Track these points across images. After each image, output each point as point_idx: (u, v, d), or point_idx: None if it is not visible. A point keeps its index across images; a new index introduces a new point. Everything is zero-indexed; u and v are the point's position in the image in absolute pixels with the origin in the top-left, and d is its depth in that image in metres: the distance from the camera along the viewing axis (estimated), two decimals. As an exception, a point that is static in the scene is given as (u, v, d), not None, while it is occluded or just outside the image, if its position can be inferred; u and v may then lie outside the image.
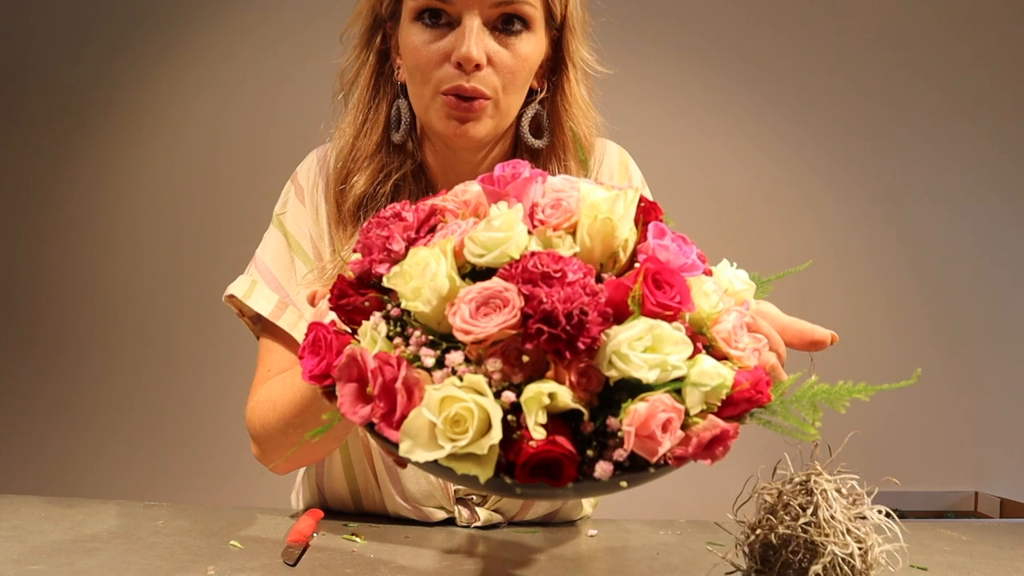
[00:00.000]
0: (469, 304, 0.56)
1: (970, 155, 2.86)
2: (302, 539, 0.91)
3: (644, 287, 0.57)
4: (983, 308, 2.92)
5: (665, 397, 0.54)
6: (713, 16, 2.70)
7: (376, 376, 0.56)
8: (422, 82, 0.90)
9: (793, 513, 0.67)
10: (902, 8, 2.76)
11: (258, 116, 2.64)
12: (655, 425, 0.54)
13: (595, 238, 0.61)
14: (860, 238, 2.87)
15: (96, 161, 2.69)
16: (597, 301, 0.56)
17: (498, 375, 0.55)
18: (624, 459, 0.55)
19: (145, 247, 2.70)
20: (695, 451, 0.56)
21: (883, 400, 3.47)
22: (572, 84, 0.96)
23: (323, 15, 2.30)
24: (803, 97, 2.77)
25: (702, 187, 2.71)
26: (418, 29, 0.89)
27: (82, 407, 2.76)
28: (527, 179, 0.63)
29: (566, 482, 0.54)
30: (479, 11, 0.86)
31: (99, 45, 2.64)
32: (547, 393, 0.54)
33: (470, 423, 0.53)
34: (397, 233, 0.62)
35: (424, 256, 0.58)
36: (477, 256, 0.59)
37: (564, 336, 0.54)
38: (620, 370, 0.55)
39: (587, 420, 0.56)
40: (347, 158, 0.97)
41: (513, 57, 0.89)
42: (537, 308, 0.54)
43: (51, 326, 2.73)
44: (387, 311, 0.61)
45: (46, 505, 1.04)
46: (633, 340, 0.55)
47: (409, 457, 0.53)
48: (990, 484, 2.75)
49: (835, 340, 0.71)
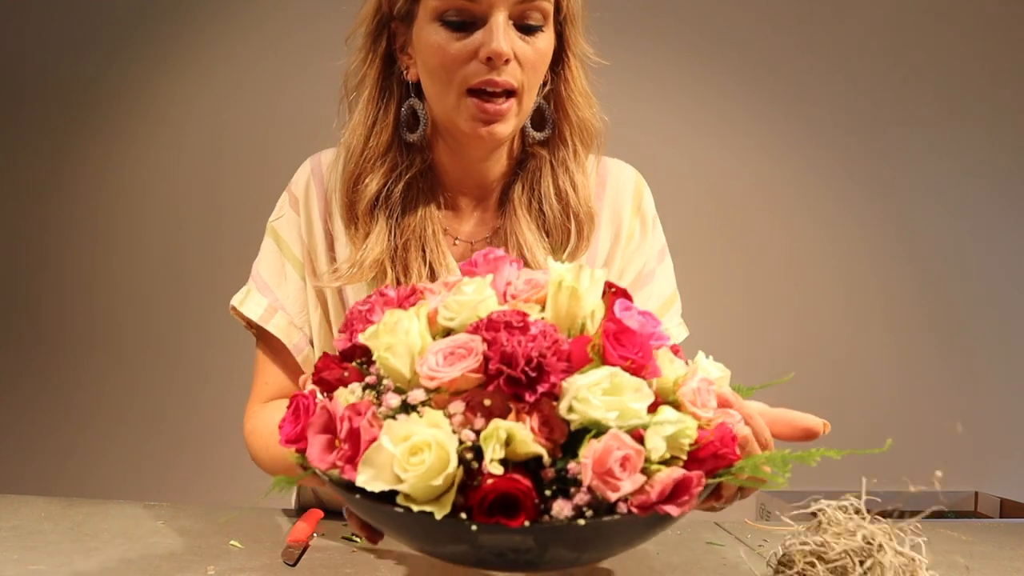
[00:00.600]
0: (437, 355, 0.59)
1: (970, 155, 2.82)
2: (302, 539, 0.91)
3: (604, 339, 0.60)
4: (983, 308, 2.84)
5: (623, 435, 0.55)
6: (711, 14, 2.71)
7: (343, 421, 0.58)
8: (446, 81, 0.91)
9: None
10: (901, 6, 2.79)
11: (259, 117, 2.61)
12: (612, 462, 0.54)
13: (561, 307, 0.64)
14: (859, 238, 2.80)
15: (96, 162, 2.68)
16: (558, 348, 0.58)
17: (459, 418, 0.56)
18: (584, 503, 0.54)
19: (146, 247, 2.63)
20: (658, 497, 0.55)
21: (883, 400, 3.15)
22: (574, 74, 0.99)
23: (324, 16, 2.30)
24: (802, 95, 2.75)
25: (700, 187, 2.65)
26: (441, 28, 0.90)
27: (82, 407, 2.64)
28: (501, 258, 0.68)
29: (523, 520, 0.53)
30: (505, 7, 0.88)
31: (99, 46, 2.65)
32: (504, 429, 0.55)
33: (427, 454, 0.53)
34: (378, 307, 0.67)
35: (399, 316, 0.62)
36: (448, 320, 0.63)
37: (524, 378, 0.56)
38: (580, 413, 0.56)
39: (548, 466, 0.56)
40: (359, 158, 0.98)
41: (535, 52, 0.92)
42: (498, 351, 0.57)
43: (51, 326, 2.65)
44: (365, 382, 0.64)
45: (46, 505, 1.04)
46: (592, 385, 0.56)
47: (367, 487, 0.54)
48: (990, 484, 2.63)
49: (827, 429, 0.70)
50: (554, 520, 0.54)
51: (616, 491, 0.54)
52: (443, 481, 0.53)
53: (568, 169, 1.01)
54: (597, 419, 0.56)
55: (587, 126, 1.01)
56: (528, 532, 0.54)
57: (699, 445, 0.59)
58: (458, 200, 1.04)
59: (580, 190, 1.01)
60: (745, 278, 2.76)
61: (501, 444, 0.54)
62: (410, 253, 0.98)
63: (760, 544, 0.99)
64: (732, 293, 2.74)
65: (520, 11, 0.89)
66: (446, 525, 0.54)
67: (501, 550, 0.56)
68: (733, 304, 2.73)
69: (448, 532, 0.55)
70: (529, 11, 0.90)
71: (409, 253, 0.98)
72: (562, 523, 0.54)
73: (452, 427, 0.56)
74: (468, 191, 1.03)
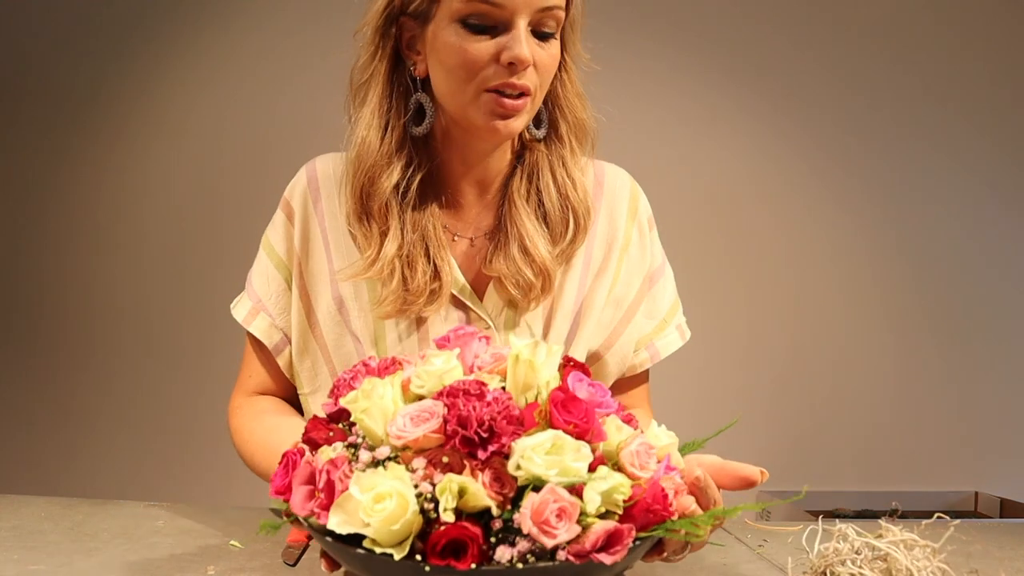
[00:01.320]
0: (404, 417, 0.68)
1: (969, 155, 2.77)
2: (302, 539, 0.91)
3: (552, 406, 0.68)
4: (983, 308, 2.80)
5: (560, 489, 0.63)
6: (710, 14, 2.71)
7: (322, 474, 0.67)
8: (465, 80, 0.96)
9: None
10: (900, 5, 2.79)
11: (259, 117, 2.59)
12: (549, 512, 0.61)
13: (519, 378, 0.73)
14: (858, 237, 2.75)
15: (97, 162, 2.66)
16: (509, 412, 0.67)
17: (421, 473, 0.65)
18: (526, 551, 0.62)
19: (147, 248, 2.62)
20: (592, 547, 0.62)
21: (883, 400, 3.05)
22: (571, 76, 1.06)
23: (325, 16, 2.31)
24: (800, 95, 2.73)
25: (697, 186, 2.60)
26: (462, 31, 0.95)
27: (82, 407, 2.60)
28: (470, 334, 0.77)
29: (470, 563, 0.61)
30: (527, 15, 0.94)
31: (99, 46, 2.64)
32: (457, 483, 0.63)
33: (389, 502, 0.62)
34: (361, 376, 0.76)
35: (375, 383, 0.71)
36: (419, 387, 0.72)
37: (477, 439, 0.65)
38: (525, 470, 0.64)
39: (496, 516, 0.63)
40: (376, 154, 1.01)
41: (548, 57, 0.98)
42: (455, 414, 0.66)
43: (52, 327, 2.61)
44: (347, 441, 0.73)
45: (46, 505, 1.04)
46: (536, 446, 0.65)
47: (336, 530, 0.62)
48: (990, 484, 2.61)
49: (764, 477, 0.76)
50: (497, 564, 0.61)
51: (552, 538, 0.61)
52: (402, 527, 0.61)
53: (566, 165, 1.07)
54: (539, 475, 0.63)
55: (582, 125, 1.08)
56: (474, 575, 0.61)
57: (633, 502, 0.66)
58: (459, 197, 1.09)
59: (577, 184, 1.07)
60: (742, 278, 2.75)
61: (454, 495, 0.63)
62: (417, 251, 1.02)
63: (760, 544, 1.01)
64: (730, 293, 2.72)
65: (538, 18, 0.95)
66: (404, 566, 0.62)
67: (454, 593, 0.63)
68: (731, 304, 2.72)
69: (405, 573, 0.62)
70: (546, 19, 0.96)
71: (416, 251, 1.02)
72: (504, 567, 0.61)
73: (414, 480, 0.64)
74: (469, 187, 1.09)
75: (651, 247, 1.17)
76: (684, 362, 1.35)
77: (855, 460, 2.53)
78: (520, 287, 1.04)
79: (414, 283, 1.01)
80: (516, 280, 1.04)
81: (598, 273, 1.12)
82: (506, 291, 1.05)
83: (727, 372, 2.56)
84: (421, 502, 0.63)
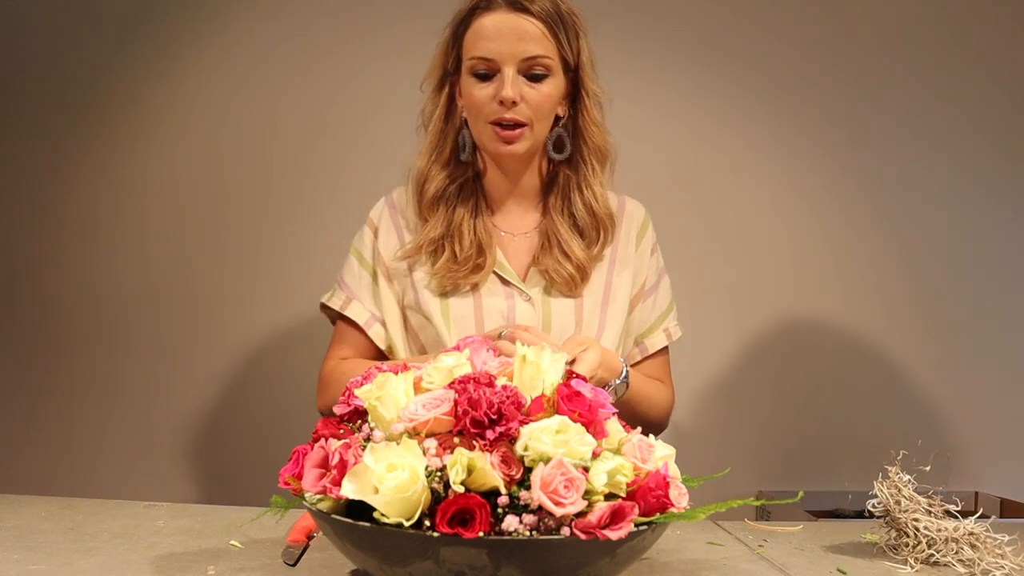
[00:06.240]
0: (417, 404, 0.71)
1: (968, 154, 2.66)
2: (302, 539, 0.93)
3: (558, 396, 0.71)
4: (983, 307, 2.70)
5: (567, 460, 0.65)
6: (709, 14, 2.68)
7: (335, 455, 0.69)
8: (476, 116, 1.25)
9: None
10: (901, 5, 2.74)
11: (260, 117, 2.53)
12: (557, 483, 0.64)
13: (525, 377, 0.76)
14: (857, 237, 2.62)
15: (96, 161, 2.59)
16: (517, 399, 0.70)
17: (433, 451, 0.67)
18: (533, 524, 0.64)
19: (147, 247, 2.43)
20: (598, 523, 0.64)
21: (883, 400, 2.83)
22: (588, 109, 1.31)
23: (325, 16, 2.35)
24: (799, 94, 2.55)
25: (697, 186, 2.54)
26: (471, 79, 1.25)
27: (83, 407, 2.42)
28: (480, 342, 0.81)
29: (478, 531, 0.62)
30: (513, 64, 1.21)
31: (99, 45, 2.61)
32: (467, 456, 0.65)
33: (401, 471, 0.64)
34: (373, 377, 0.79)
35: (389, 376, 0.74)
36: (430, 383, 0.75)
37: (486, 420, 0.68)
38: (533, 450, 0.67)
39: (504, 493, 0.65)
40: (428, 167, 1.32)
41: (539, 95, 1.23)
42: (466, 398, 0.69)
43: (52, 326, 2.45)
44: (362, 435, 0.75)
45: (46, 505, 1.04)
46: (545, 428, 0.68)
47: (349, 496, 0.64)
48: (990, 484, 2.54)
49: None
50: (505, 533, 0.63)
51: (561, 507, 0.63)
52: (412, 496, 0.63)
53: (590, 184, 1.33)
54: (547, 453, 0.66)
55: (601, 149, 1.33)
56: (482, 545, 0.62)
57: (635, 485, 0.69)
58: (503, 204, 1.35)
59: (600, 199, 1.33)
60: (742, 277, 2.71)
61: (464, 467, 0.65)
62: (463, 230, 1.29)
63: (760, 544, 1.02)
64: (729, 292, 2.68)
65: (526, 66, 1.22)
66: (413, 537, 0.63)
67: (460, 568, 0.64)
68: (731, 304, 2.67)
69: (414, 545, 0.64)
70: (533, 66, 1.23)
71: (462, 230, 1.29)
72: (512, 538, 0.63)
73: (426, 459, 0.66)
74: (510, 197, 1.35)
75: (647, 270, 1.40)
76: (684, 362, 1.39)
77: (855, 460, 2.47)
78: (562, 278, 1.29)
79: (462, 255, 1.27)
80: (558, 272, 1.29)
81: (619, 272, 1.36)
82: (544, 278, 1.30)
83: (727, 372, 2.54)
84: (431, 480, 0.65)
